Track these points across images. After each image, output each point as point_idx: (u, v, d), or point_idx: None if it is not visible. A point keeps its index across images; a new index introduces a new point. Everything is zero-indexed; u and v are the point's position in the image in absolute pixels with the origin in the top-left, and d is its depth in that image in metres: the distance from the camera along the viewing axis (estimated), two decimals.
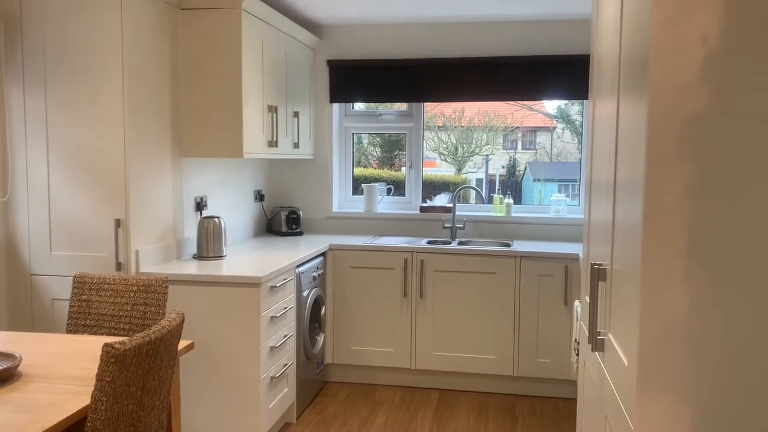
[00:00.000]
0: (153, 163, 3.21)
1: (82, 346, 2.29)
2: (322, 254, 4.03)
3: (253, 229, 4.45)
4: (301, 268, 3.62)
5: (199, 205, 3.67)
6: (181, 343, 2.29)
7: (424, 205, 4.67)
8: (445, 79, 4.45)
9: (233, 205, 4.14)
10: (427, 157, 4.99)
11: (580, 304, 2.28)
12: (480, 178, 5.20)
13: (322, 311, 4.00)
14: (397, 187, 4.86)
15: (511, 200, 4.51)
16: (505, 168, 5.12)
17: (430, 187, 4.94)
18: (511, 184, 5.08)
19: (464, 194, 4.89)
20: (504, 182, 5.08)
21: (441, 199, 4.85)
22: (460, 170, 5.23)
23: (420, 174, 4.73)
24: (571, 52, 4.26)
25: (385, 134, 5.08)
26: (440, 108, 5.11)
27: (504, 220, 4.48)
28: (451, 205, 4.51)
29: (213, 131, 3.46)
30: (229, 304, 3.08)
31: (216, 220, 3.50)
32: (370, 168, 5.17)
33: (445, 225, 4.51)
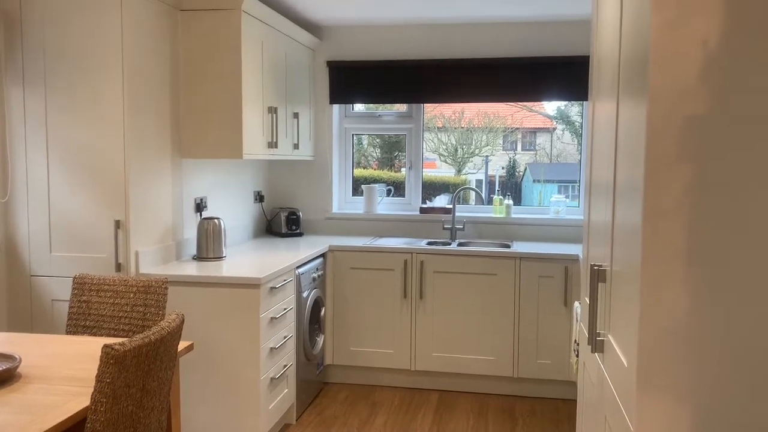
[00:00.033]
0: (153, 164, 3.21)
1: (82, 347, 2.29)
2: (322, 255, 4.03)
3: (253, 230, 4.45)
4: (301, 269, 3.62)
5: (199, 206, 3.67)
6: (180, 344, 2.29)
7: (424, 206, 4.67)
8: (444, 80, 4.46)
9: (233, 206, 4.14)
10: (427, 158, 4.99)
11: (580, 305, 2.28)
12: (480, 179, 5.20)
13: (322, 312, 4.00)
14: (397, 188, 4.86)
15: (510, 201, 4.51)
16: (505, 169, 5.12)
17: (429, 188, 4.95)
18: (511, 185, 5.08)
19: (464, 195, 4.89)
20: (504, 183, 5.08)
21: (441, 200, 4.85)
22: (459, 171, 5.23)
23: (420, 175, 4.74)
24: (570, 54, 4.27)
25: (384, 135, 5.09)
26: (440, 109, 5.11)
27: (504, 221, 4.48)
28: (451, 206, 4.51)
29: (213, 132, 3.46)
30: (229, 305, 3.08)
31: (216, 221, 3.50)
32: (370, 169, 5.17)
33: (445, 226, 4.51)
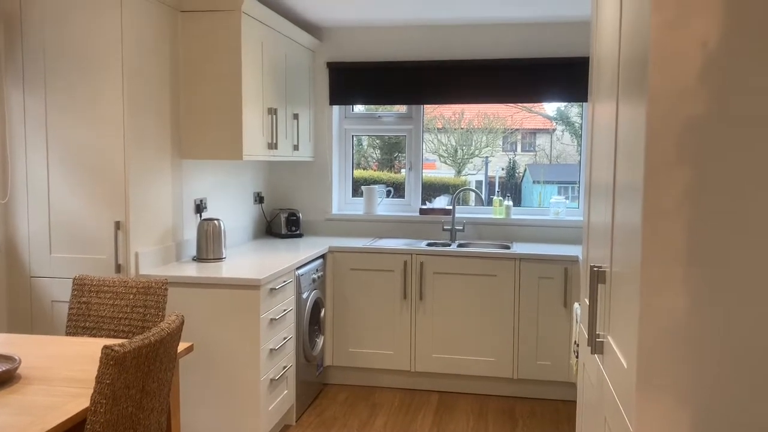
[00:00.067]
0: (153, 165, 3.21)
1: (82, 349, 2.29)
2: (322, 256, 4.03)
3: (253, 231, 4.45)
4: (301, 270, 3.62)
5: (199, 207, 3.67)
6: (180, 346, 2.29)
7: (424, 207, 4.67)
8: (444, 82, 4.46)
9: (233, 207, 4.14)
10: (427, 159, 4.99)
11: (580, 306, 2.28)
12: (479, 180, 5.20)
13: (322, 313, 4.00)
14: (397, 189, 4.86)
15: (510, 202, 4.51)
16: (505, 170, 5.12)
17: (429, 189, 4.95)
18: (511, 186, 5.08)
19: (464, 196, 4.89)
20: (503, 184, 5.08)
21: (440, 201, 4.85)
22: (459, 172, 5.23)
23: (420, 176, 4.74)
24: (570, 55, 4.27)
25: (384, 136, 5.09)
26: (440, 110, 5.11)
27: (503, 222, 4.48)
28: (451, 207, 4.51)
29: (213, 133, 3.46)
30: (229, 307, 3.08)
31: (215, 222, 3.50)
32: (370, 170, 5.17)
33: (445, 227, 4.51)
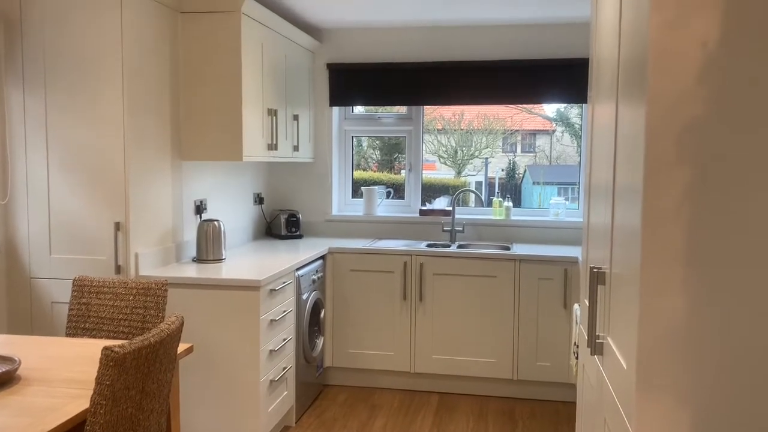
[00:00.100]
0: (153, 166, 3.22)
1: (82, 350, 2.29)
2: (322, 257, 4.03)
3: (253, 232, 4.45)
4: (301, 272, 3.62)
5: (199, 208, 3.67)
6: (180, 347, 2.29)
7: (424, 208, 4.67)
8: (444, 83, 4.46)
9: (233, 208, 4.14)
10: (427, 160, 4.99)
11: (580, 307, 2.28)
12: (479, 181, 5.20)
13: (322, 314, 3.99)
14: (397, 190, 4.86)
15: (510, 203, 4.51)
16: (505, 171, 5.12)
17: (429, 190, 4.95)
18: (511, 187, 5.08)
19: (464, 197, 4.89)
20: (503, 185, 5.08)
21: (440, 202, 4.85)
22: (459, 173, 5.23)
23: (419, 177, 4.74)
24: (570, 56, 4.27)
25: (384, 137, 5.09)
26: (439, 111, 5.11)
27: (503, 223, 4.48)
28: (451, 208, 4.51)
29: (213, 134, 3.46)
30: (229, 308, 3.08)
31: (215, 223, 3.50)
32: (370, 171, 5.17)
33: (445, 228, 4.51)
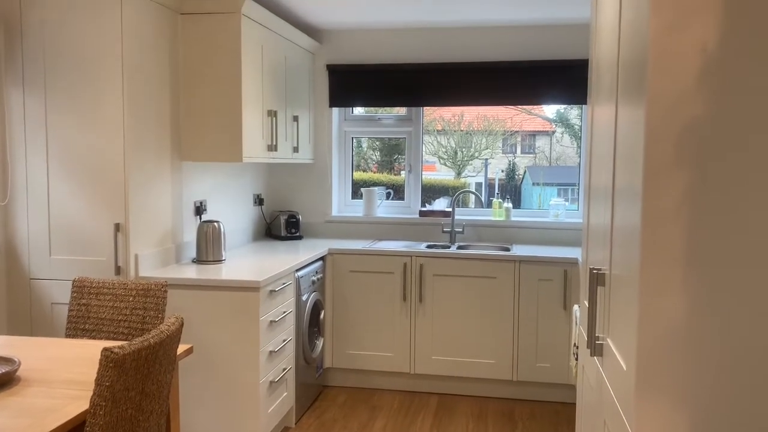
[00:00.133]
0: (152, 167, 3.22)
1: (81, 351, 2.29)
2: (322, 258, 4.03)
3: (253, 233, 4.45)
4: (301, 273, 3.62)
5: (199, 209, 3.67)
6: (180, 348, 2.29)
7: (424, 209, 4.67)
8: (444, 84, 4.46)
9: (233, 209, 4.14)
10: (427, 161, 4.99)
11: (579, 308, 2.28)
12: (479, 182, 5.20)
13: (321, 315, 3.99)
14: (397, 191, 4.86)
15: (510, 204, 4.51)
16: (505, 172, 5.12)
17: (429, 191, 4.95)
18: (511, 188, 5.08)
19: (463, 198, 4.89)
20: (503, 186, 5.08)
21: (440, 203, 4.86)
22: (459, 174, 5.23)
23: (419, 178, 4.74)
24: (569, 57, 4.27)
25: (384, 138, 5.09)
26: (439, 112, 5.11)
27: (503, 224, 4.48)
28: (451, 209, 4.51)
29: (213, 135, 3.46)
30: (228, 309, 3.08)
31: (215, 224, 3.50)
32: (370, 172, 5.18)
33: (445, 229, 4.51)
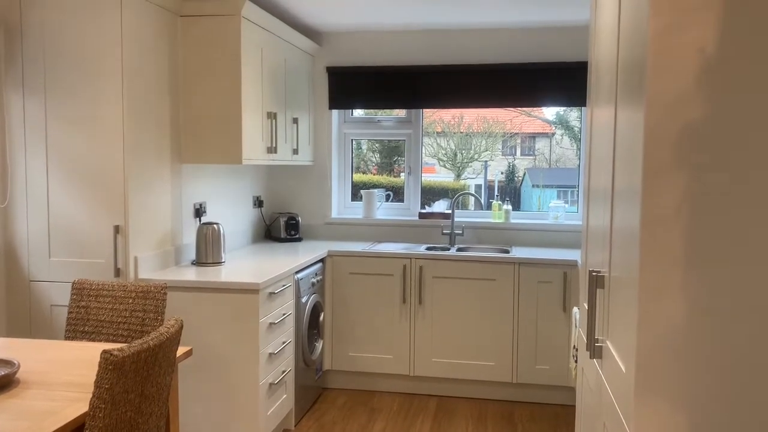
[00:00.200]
0: (152, 170, 3.22)
1: (81, 353, 2.28)
2: (321, 260, 4.03)
3: (252, 235, 4.45)
4: (300, 275, 3.62)
5: (198, 212, 3.67)
6: (179, 350, 2.29)
7: (423, 211, 4.67)
8: (444, 86, 4.46)
9: (232, 212, 4.14)
10: (426, 163, 4.99)
11: (579, 310, 2.28)
12: (479, 184, 5.20)
13: (321, 317, 3.99)
14: (396, 193, 4.86)
15: (509, 206, 4.51)
16: (504, 174, 5.12)
17: (429, 193, 4.95)
18: (510, 190, 5.08)
19: (463, 200, 4.89)
20: (503, 188, 5.08)
21: (440, 206, 4.86)
22: (458, 176, 5.23)
23: (419, 180, 4.74)
24: (569, 59, 4.27)
25: (384, 140, 5.09)
26: (439, 114, 5.12)
27: (503, 227, 4.48)
28: (450, 212, 4.51)
29: (212, 137, 3.46)
30: (228, 311, 3.08)
31: (215, 226, 3.50)
32: (369, 174, 5.18)
33: (444, 231, 4.51)
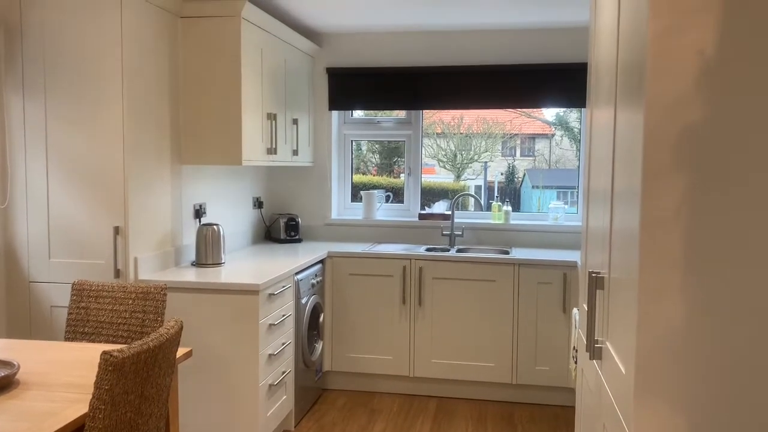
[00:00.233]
0: (152, 171, 3.22)
1: (81, 354, 2.28)
2: (321, 261, 4.03)
3: (252, 236, 4.45)
4: (300, 276, 3.62)
5: (198, 212, 3.67)
6: (179, 351, 2.29)
7: (423, 212, 4.68)
8: (443, 87, 4.47)
9: (232, 213, 4.14)
10: (426, 164, 4.99)
11: (579, 311, 2.28)
12: (479, 185, 5.20)
13: (321, 318, 3.99)
14: (396, 194, 4.87)
15: (509, 207, 4.51)
16: (504, 175, 5.12)
17: (428, 194, 4.95)
18: (510, 191, 5.08)
19: (463, 201, 4.89)
20: (503, 189, 5.08)
21: (440, 206, 4.86)
22: (458, 177, 5.24)
23: (419, 181, 4.74)
24: (569, 61, 4.28)
25: (383, 141, 5.09)
26: (439, 115, 5.12)
27: (502, 228, 4.48)
28: (450, 213, 4.51)
29: (212, 139, 3.46)
30: (228, 312, 3.08)
31: (215, 227, 3.50)
32: (369, 175, 5.18)
33: (444, 232, 4.51)
